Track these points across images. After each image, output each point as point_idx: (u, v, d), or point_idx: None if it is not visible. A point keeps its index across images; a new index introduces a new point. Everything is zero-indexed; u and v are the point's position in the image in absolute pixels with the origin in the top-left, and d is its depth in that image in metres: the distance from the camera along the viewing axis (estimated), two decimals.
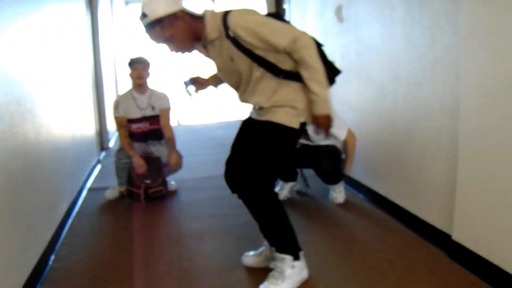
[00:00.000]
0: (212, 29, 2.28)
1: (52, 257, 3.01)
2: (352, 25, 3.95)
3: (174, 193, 4.35)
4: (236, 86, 2.51)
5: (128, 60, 4.17)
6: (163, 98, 4.32)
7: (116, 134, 4.34)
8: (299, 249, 2.53)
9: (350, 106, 4.05)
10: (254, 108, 2.59)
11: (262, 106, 2.42)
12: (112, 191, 4.20)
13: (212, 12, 2.31)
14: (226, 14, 2.25)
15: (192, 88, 2.74)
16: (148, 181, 4.01)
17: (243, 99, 2.51)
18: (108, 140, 6.55)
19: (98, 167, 5.47)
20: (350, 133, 3.72)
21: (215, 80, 2.79)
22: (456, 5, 2.61)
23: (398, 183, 3.46)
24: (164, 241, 3.24)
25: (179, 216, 3.75)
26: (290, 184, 4.01)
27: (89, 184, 4.75)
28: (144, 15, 2.25)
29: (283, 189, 3.99)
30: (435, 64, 2.87)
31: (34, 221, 2.77)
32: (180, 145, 4.39)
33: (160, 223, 3.62)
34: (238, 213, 3.50)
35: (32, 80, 2.98)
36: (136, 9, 11.00)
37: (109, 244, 3.24)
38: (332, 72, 2.48)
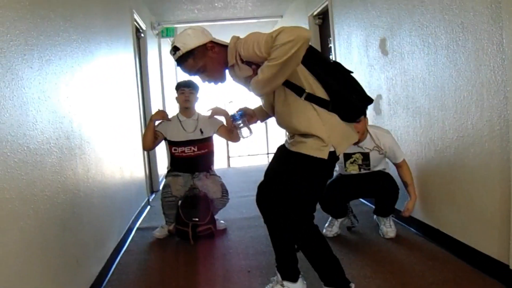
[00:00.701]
0: (231, 55, 2.33)
1: None
2: (397, 57, 3.92)
3: (223, 231, 4.31)
4: (270, 110, 2.55)
5: (176, 84, 4.24)
6: (212, 120, 4.32)
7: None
8: (348, 282, 2.46)
9: (398, 139, 3.98)
10: (286, 135, 2.60)
11: (291, 132, 2.45)
12: (161, 230, 4.22)
13: (235, 38, 2.36)
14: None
15: (242, 121, 2.72)
16: (196, 219, 3.99)
17: (278, 122, 2.52)
18: (159, 183, 6.64)
19: (148, 208, 5.53)
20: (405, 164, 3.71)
21: (261, 113, 2.81)
22: (499, 26, 2.56)
23: (450, 214, 3.33)
24: (211, 277, 3.22)
25: (227, 254, 3.72)
26: (340, 220, 3.93)
27: (138, 224, 4.79)
28: (176, 49, 2.34)
29: (332, 225, 3.91)
30: (481, 88, 2.80)
31: (81, 256, 2.80)
32: (229, 186, 4.39)
33: (208, 260, 3.60)
34: None
35: (85, 120, 3.09)
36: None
37: (157, 281, 3.24)
38: (363, 100, 2.46)
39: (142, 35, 6.48)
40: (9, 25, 2.02)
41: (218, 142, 4.67)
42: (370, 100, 2.47)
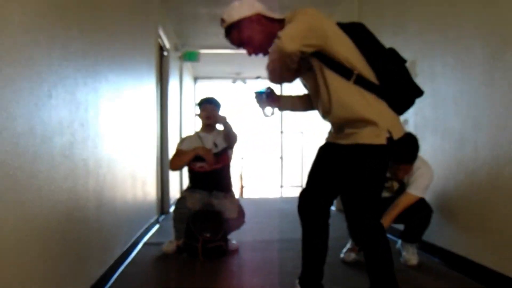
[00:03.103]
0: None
1: None
2: (427, 78, 3.78)
3: (235, 252, 4.07)
4: (316, 99, 2.37)
5: (199, 100, 4.16)
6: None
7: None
8: None
9: None
10: (332, 131, 2.43)
11: (338, 121, 2.28)
12: (169, 245, 4.01)
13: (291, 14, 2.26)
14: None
15: (266, 99, 2.58)
16: (207, 235, 3.77)
17: (323, 111, 2.35)
18: (169, 205, 6.46)
19: (157, 226, 5.32)
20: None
21: (287, 101, 2.67)
22: None
23: (480, 240, 3.11)
24: None
25: (238, 271, 3.50)
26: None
27: (145, 239, 4.58)
28: (222, 21, 2.35)
29: (351, 251, 3.67)
30: None
31: (83, 253, 2.64)
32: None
33: (218, 275, 3.38)
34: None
35: (101, 129, 2.98)
36: (203, 87, 11.34)
37: None
38: (415, 91, 2.30)
39: (165, 53, 6.44)
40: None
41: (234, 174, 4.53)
42: (421, 92, 2.31)
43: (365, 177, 2.21)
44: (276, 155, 10.94)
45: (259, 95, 2.56)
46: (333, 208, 6.75)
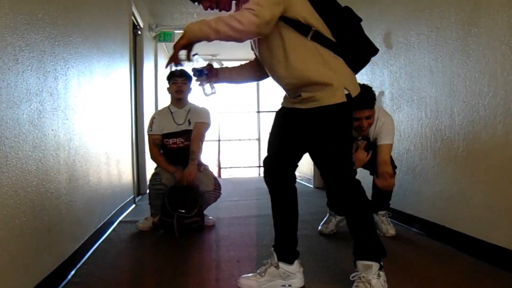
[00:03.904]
0: None
1: (72, 272, 2.78)
2: (402, 49, 3.77)
3: (211, 227, 4.03)
4: (270, 61, 2.31)
5: (168, 74, 4.05)
6: (201, 112, 4.13)
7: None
8: (384, 255, 2.26)
9: (401, 133, 3.79)
10: (288, 96, 2.39)
11: (291, 84, 2.25)
12: (145, 221, 3.96)
13: None
14: None
15: (206, 77, 2.47)
16: (182, 211, 3.72)
17: (277, 75, 2.30)
18: (146, 188, 6.37)
19: (133, 206, 5.25)
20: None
21: (225, 72, 2.58)
22: None
23: (457, 208, 3.12)
24: (198, 265, 2.96)
25: (215, 245, 3.46)
26: (338, 218, 3.68)
27: (121, 217, 4.51)
28: None
29: (329, 222, 3.67)
30: (495, 65, 2.65)
31: (54, 226, 2.56)
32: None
33: (194, 250, 3.33)
34: None
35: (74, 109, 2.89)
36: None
37: (136, 267, 3.00)
38: (371, 49, 2.31)
39: (139, 32, 6.32)
40: None
41: (210, 154, 4.46)
42: (376, 50, 2.31)
43: (332, 138, 2.20)
44: (253, 135, 10.90)
45: (197, 73, 2.45)
46: (311, 185, 6.77)
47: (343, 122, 2.23)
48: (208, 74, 2.46)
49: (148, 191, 3.94)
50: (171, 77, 4.05)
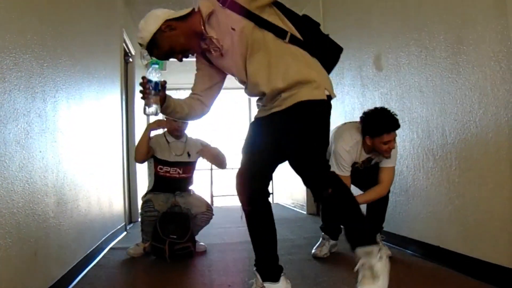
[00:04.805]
0: (204, 5, 2.21)
1: None
2: (392, 70, 3.78)
3: (202, 253, 3.96)
4: (244, 72, 2.28)
5: None
6: (198, 141, 4.18)
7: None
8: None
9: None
10: (264, 104, 2.35)
11: (276, 87, 2.20)
12: (136, 248, 3.88)
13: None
14: None
15: (155, 94, 2.19)
16: (174, 236, 3.66)
17: (255, 81, 2.25)
18: (138, 215, 6.29)
19: (124, 233, 5.16)
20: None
21: (172, 102, 2.37)
22: (503, 13, 2.47)
23: (452, 227, 3.08)
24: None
25: (206, 271, 3.37)
26: (331, 242, 3.63)
27: (112, 244, 4.42)
28: (140, 45, 2.29)
29: (322, 246, 3.62)
30: (484, 82, 2.66)
31: (40, 250, 2.49)
32: (212, 220, 4.08)
33: (185, 275, 3.25)
34: None
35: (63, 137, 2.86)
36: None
37: None
38: (336, 48, 2.38)
39: (131, 59, 6.34)
40: None
41: (203, 180, 4.44)
42: (341, 48, 2.38)
43: (310, 135, 2.17)
44: None
45: (152, 85, 2.17)
46: (304, 212, 6.72)
47: (322, 120, 2.21)
48: (160, 93, 2.22)
49: (139, 218, 3.86)
50: None
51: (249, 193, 2.39)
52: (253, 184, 2.37)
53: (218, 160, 4.08)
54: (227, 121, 11.28)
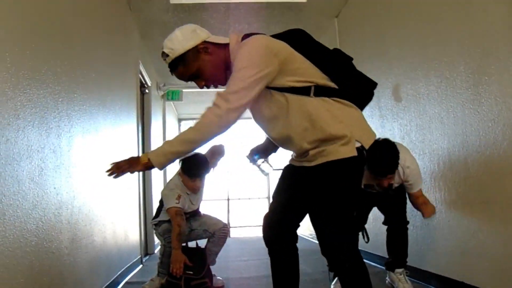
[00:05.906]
0: (233, 52, 2.05)
1: None
2: (411, 101, 3.72)
3: None
4: (271, 130, 2.16)
5: (188, 165, 3.73)
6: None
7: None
8: None
9: None
10: (294, 156, 2.23)
11: (302, 148, 2.06)
12: (151, 283, 3.79)
13: (237, 35, 2.10)
14: (248, 35, 2.05)
15: (260, 160, 2.47)
16: (190, 272, 3.57)
17: (284, 139, 2.13)
18: (154, 246, 6.24)
19: (140, 266, 5.08)
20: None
21: (268, 144, 2.44)
22: None
23: (477, 262, 2.95)
24: None
25: None
26: None
27: (127, 278, 4.34)
28: (164, 55, 2.09)
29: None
30: (508, 113, 2.57)
31: (55, 285, 2.44)
32: (229, 252, 4.02)
33: None
34: None
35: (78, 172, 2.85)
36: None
37: None
38: (371, 84, 2.20)
39: (147, 91, 6.35)
40: None
41: (220, 210, 4.37)
42: (375, 83, 2.20)
43: (338, 195, 2.01)
44: (262, 193, 10.79)
45: (255, 161, 2.47)
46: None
47: (352, 178, 2.06)
48: (260, 155, 2.46)
49: (159, 248, 3.77)
50: (191, 174, 3.77)
51: (266, 238, 2.30)
52: (269, 231, 2.28)
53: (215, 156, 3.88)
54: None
